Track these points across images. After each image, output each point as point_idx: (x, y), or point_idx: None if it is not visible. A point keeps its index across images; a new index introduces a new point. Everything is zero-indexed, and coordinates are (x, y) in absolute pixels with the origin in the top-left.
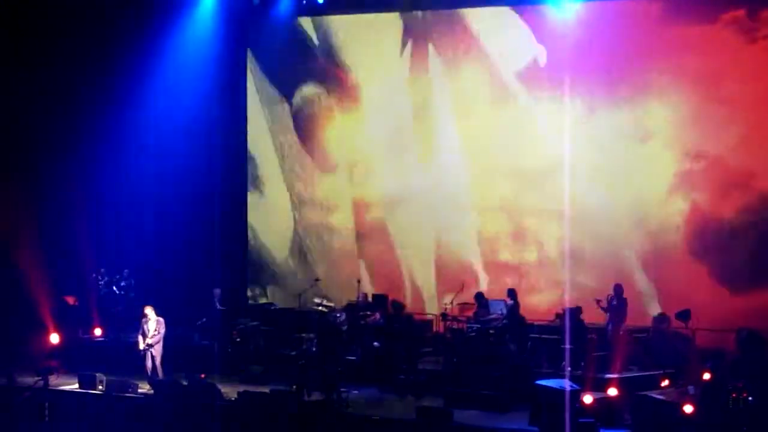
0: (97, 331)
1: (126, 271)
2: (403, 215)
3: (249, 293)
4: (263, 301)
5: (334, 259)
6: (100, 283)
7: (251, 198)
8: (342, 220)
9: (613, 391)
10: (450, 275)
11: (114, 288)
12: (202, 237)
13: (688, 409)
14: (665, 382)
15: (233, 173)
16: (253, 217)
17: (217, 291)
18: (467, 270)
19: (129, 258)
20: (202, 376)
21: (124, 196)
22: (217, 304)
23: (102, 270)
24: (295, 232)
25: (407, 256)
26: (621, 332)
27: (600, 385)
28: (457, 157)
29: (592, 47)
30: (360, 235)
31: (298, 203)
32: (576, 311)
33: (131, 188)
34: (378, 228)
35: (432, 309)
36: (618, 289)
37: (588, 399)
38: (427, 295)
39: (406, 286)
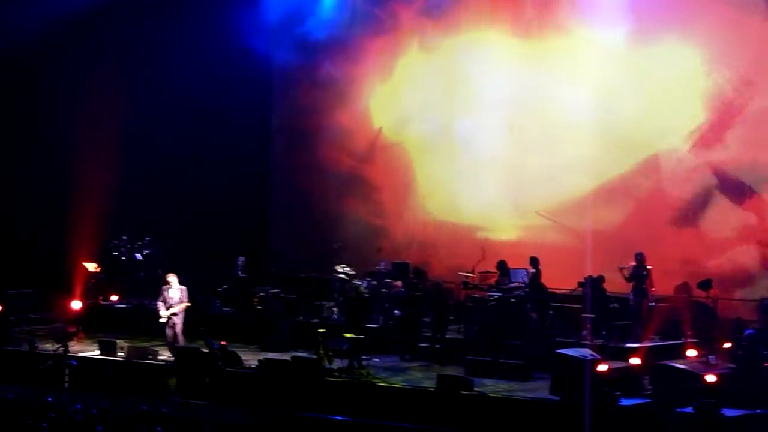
0: (114, 297)
1: (148, 238)
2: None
3: None
4: None
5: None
6: (122, 249)
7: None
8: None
9: (635, 361)
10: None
11: (136, 255)
12: (225, 203)
13: (710, 378)
14: (692, 352)
15: (257, 141)
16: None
17: (242, 259)
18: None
19: (151, 225)
20: (223, 343)
21: (148, 163)
22: (239, 272)
23: (124, 238)
24: None
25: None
26: (644, 302)
27: (622, 355)
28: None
29: None
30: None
31: None
32: (598, 280)
33: (154, 155)
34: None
35: (454, 276)
36: (639, 257)
37: (602, 368)
38: (449, 263)
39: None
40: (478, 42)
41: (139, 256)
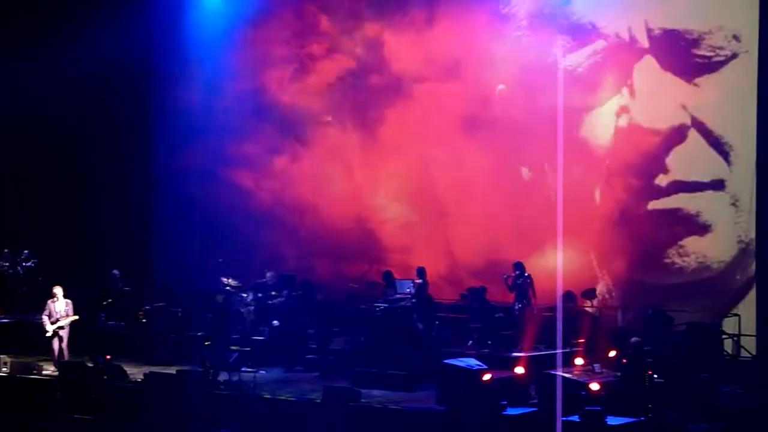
0: None
1: (26, 251)
2: None
3: None
4: None
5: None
6: (4, 264)
7: None
8: None
9: (519, 370)
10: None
11: (18, 268)
12: (105, 213)
13: (594, 386)
14: (579, 360)
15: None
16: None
17: (116, 272)
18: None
19: (28, 237)
20: (108, 357)
21: (20, 170)
22: (119, 285)
23: (5, 251)
24: None
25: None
26: (528, 311)
27: (507, 364)
28: None
29: None
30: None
31: None
32: (480, 291)
33: (25, 162)
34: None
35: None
36: (519, 266)
37: (487, 377)
38: (337, 275)
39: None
40: None
41: (19, 269)
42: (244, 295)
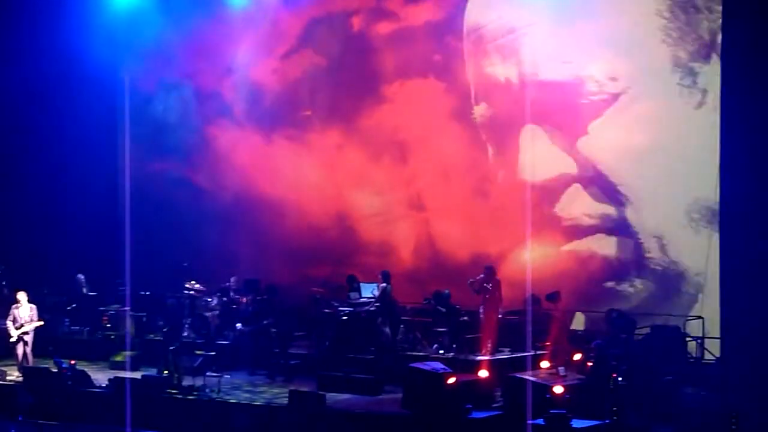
0: None
1: None
2: None
3: None
4: None
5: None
6: None
7: None
8: None
9: (483, 373)
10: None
11: None
12: (70, 216)
13: (558, 389)
14: (545, 363)
15: (104, 156)
16: None
17: (81, 276)
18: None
19: None
20: (72, 362)
21: None
22: (84, 290)
23: None
24: None
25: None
26: (493, 315)
27: (472, 368)
28: None
29: None
30: None
31: None
32: (445, 295)
33: None
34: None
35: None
36: (488, 270)
37: (451, 380)
38: (301, 279)
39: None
40: None
41: None
42: (209, 299)
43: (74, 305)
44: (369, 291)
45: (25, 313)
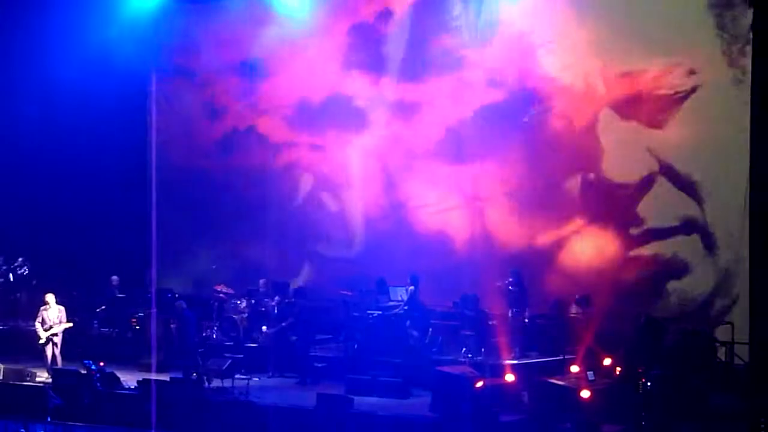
0: None
1: (20, 258)
2: None
3: None
4: None
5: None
6: None
7: None
8: None
9: (510, 377)
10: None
11: (11, 276)
12: (102, 221)
13: (585, 394)
14: (575, 368)
15: (134, 157)
16: None
17: (115, 278)
18: None
19: (25, 245)
20: (101, 364)
21: (20, 180)
22: (116, 292)
23: None
24: None
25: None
26: (521, 318)
27: (501, 372)
28: None
29: None
30: None
31: None
32: (473, 298)
33: (26, 172)
34: None
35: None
36: (514, 274)
37: (479, 384)
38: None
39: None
40: None
41: (11, 276)
42: (238, 302)
43: (103, 307)
44: (398, 294)
45: (53, 314)
